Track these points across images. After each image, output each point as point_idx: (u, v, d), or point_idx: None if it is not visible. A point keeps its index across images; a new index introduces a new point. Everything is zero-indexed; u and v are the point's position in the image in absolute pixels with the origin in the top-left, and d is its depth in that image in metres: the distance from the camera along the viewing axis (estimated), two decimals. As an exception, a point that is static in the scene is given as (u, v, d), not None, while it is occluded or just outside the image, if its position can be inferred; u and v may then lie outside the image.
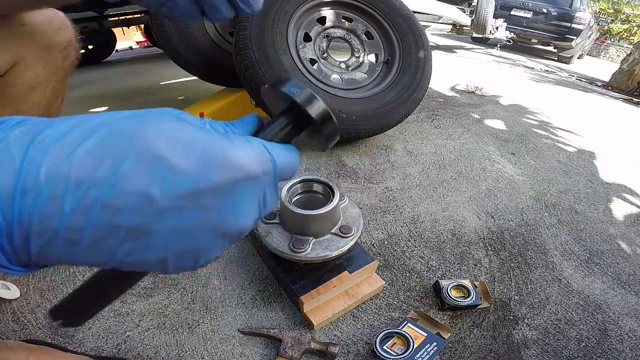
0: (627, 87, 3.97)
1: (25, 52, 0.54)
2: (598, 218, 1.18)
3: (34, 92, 0.58)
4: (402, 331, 0.67)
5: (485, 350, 0.70)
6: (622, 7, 10.76)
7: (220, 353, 0.64)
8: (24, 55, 0.54)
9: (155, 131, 0.17)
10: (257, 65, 1.11)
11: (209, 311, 0.72)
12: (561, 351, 0.71)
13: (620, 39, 10.27)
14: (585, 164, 1.56)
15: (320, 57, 1.33)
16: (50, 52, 0.57)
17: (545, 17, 5.72)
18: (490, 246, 0.98)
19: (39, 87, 0.58)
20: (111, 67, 3.10)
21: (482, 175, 1.34)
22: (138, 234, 0.17)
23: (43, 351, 0.44)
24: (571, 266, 0.95)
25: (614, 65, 5.16)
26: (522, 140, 1.71)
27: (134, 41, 6.15)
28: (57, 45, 0.58)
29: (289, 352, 0.62)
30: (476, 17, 4.28)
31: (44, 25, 0.55)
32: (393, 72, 1.38)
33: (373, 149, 1.44)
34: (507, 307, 0.80)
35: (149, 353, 0.64)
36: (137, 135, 0.17)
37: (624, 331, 0.78)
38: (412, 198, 1.15)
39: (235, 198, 0.19)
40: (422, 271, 0.87)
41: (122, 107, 1.77)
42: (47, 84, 0.60)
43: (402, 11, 1.44)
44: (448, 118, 1.89)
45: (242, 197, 0.19)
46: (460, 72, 3.23)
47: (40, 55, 0.56)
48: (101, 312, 0.70)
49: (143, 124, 0.17)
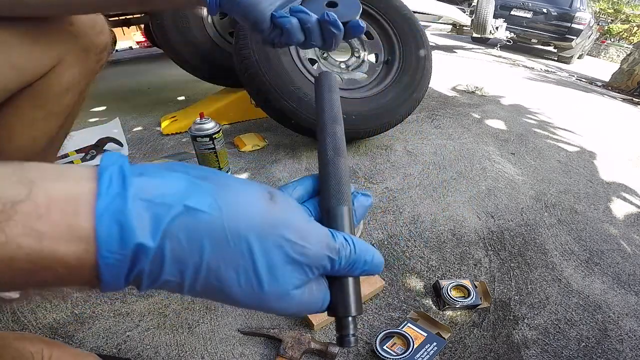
0: (627, 87, 3.96)
1: (68, 53, 0.53)
2: (598, 218, 1.18)
3: (67, 94, 0.57)
4: (402, 331, 0.67)
5: (485, 350, 0.70)
6: (622, 7, 10.76)
7: (220, 353, 0.64)
8: (65, 55, 0.53)
9: (289, 226, 0.21)
10: (257, 65, 1.11)
11: (209, 311, 0.72)
12: (561, 351, 0.71)
13: (620, 39, 10.26)
14: (585, 164, 1.56)
15: (320, 57, 1.33)
16: (88, 55, 0.57)
17: (545, 17, 5.72)
18: (490, 246, 0.98)
19: (73, 89, 0.58)
20: (111, 67, 3.10)
21: (482, 175, 1.34)
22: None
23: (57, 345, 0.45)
24: (571, 266, 0.95)
25: (614, 65, 5.16)
26: (522, 140, 1.71)
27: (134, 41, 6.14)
28: (95, 48, 0.57)
29: (289, 352, 0.62)
30: (476, 17, 4.28)
31: (88, 27, 0.55)
32: (393, 72, 1.38)
33: (373, 149, 1.44)
34: (507, 307, 0.80)
35: (149, 353, 0.64)
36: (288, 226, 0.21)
37: (624, 331, 0.78)
38: (412, 198, 1.15)
39: (322, 260, 0.23)
40: (422, 271, 0.87)
41: (122, 107, 1.77)
42: (79, 86, 0.59)
43: (402, 11, 1.44)
44: (448, 118, 1.89)
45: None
46: (460, 72, 3.23)
47: (79, 57, 0.55)
48: (101, 312, 0.70)
49: (277, 217, 0.21)
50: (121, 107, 1.80)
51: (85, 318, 0.69)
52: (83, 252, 0.17)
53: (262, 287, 0.20)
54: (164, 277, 0.19)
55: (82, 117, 0.74)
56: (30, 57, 0.48)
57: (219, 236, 0.19)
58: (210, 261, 0.19)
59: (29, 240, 0.16)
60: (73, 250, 0.17)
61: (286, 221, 0.21)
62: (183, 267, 0.19)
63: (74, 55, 0.55)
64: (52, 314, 0.69)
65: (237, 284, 0.20)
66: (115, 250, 0.17)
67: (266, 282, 0.20)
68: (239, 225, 0.20)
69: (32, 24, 0.46)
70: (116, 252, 0.17)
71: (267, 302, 0.21)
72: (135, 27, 3.72)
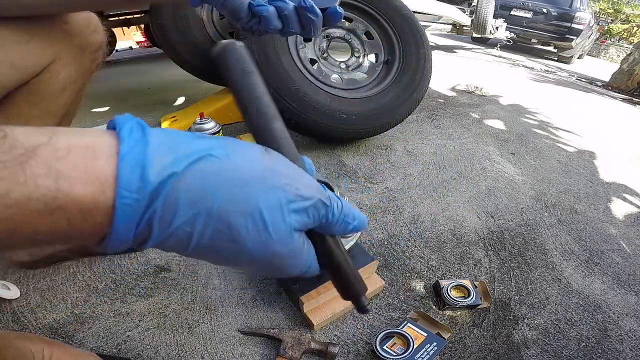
0: (627, 87, 3.96)
1: (63, 51, 0.54)
2: (598, 218, 1.18)
3: (64, 92, 0.58)
4: (402, 331, 0.67)
5: (485, 350, 0.70)
6: (622, 7, 10.75)
7: (220, 353, 0.64)
8: (61, 53, 0.53)
9: (282, 174, 0.23)
10: (257, 65, 1.10)
11: (209, 311, 0.72)
12: (561, 351, 0.71)
13: (620, 39, 10.26)
14: (585, 164, 1.56)
15: (320, 57, 1.33)
16: (84, 53, 0.57)
17: (545, 17, 5.72)
18: (490, 246, 0.98)
19: (69, 88, 0.58)
20: (111, 67, 3.10)
21: (482, 175, 1.34)
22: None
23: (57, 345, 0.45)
24: (571, 266, 0.95)
25: (614, 65, 5.16)
26: (522, 140, 1.71)
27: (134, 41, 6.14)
28: (90, 47, 0.58)
29: (289, 352, 0.62)
30: (476, 17, 4.28)
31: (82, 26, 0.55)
32: (393, 72, 1.38)
33: (373, 149, 1.44)
34: (507, 307, 0.80)
35: (149, 353, 0.64)
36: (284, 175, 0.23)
37: (624, 331, 0.78)
38: (412, 198, 1.15)
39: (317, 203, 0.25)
40: (422, 271, 0.87)
41: (122, 107, 1.77)
42: (75, 85, 0.59)
43: (402, 11, 1.44)
44: (448, 118, 1.89)
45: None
46: (460, 72, 3.23)
47: (75, 55, 0.56)
48: (101, 312, 0.70)
49: (272, 170, 0.23)
50: (121, 107, 1.80)
51: (85, 318, 0.69)
52: (100, 192, 0.18)
53: (267, 227, 0.22)
54: (176, 222, 0.19)
55: (81, 117, 0.74)
56: (27, 54, 0.48)
57: (230, 180, 0.21)
58: (221, 206, 0.20)
59: (47, 181, 0.17)
60: (91, 191, 0.18)
61: (280, 166, 0.23)
62: (196, 211, 0.20)
63: (69, 53, 0.55)
64: (52, 314, 0.69)
65: (245, 229, 0.21)
66: (134, 190, 0.18)
67: (270, 222, 0.22)
68: (244, 171, 0.21)
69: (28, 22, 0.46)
70: (134, 192, 0.18)
71: (271, 245, 0.22)
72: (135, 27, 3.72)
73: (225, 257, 0.22)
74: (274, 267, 0.24)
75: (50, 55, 0.52)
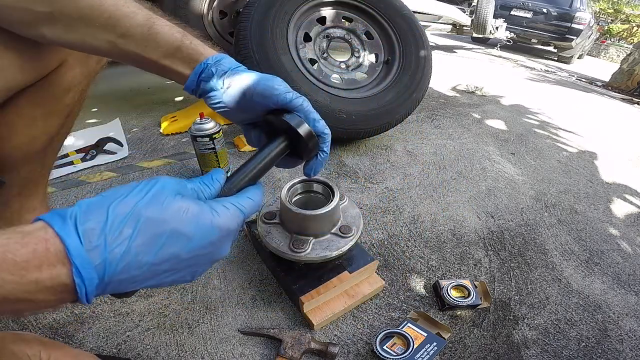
0: (627, 87, 3.96)
1: (70, 54, 0.54)
2: (598, 218, 1.18)
3: (68, 94, 0.58)
4: (402, 331, 0.67)
5: (485, 350, 0.70)
6: (622, 7, 10.74)
7: (220, 353, 0.64)
8: (68, 56, 0.54)
9: (172, 216, 0.28)
10: (257, 65, 1.11)
11: (209, 311, 0.72)
12: (561, 351, 0.72)
13: (620, 39, 10.26)
14: (585, 164, 1.56)
15: (320, 57, 1.33)
16: (89, 56, 0.57)
17: (545, 17, 5.71)
18: (490, 246, 0.98)
19: (73, 89, 0.59)
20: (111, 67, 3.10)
21: (482, 175, 1.34)
22: (175, 271, 0.30)
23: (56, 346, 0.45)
24: (571, 266, 0.95)
25: (614, 65, 5.16)
26: (522, 140, 1.71)
27: (134, 41, 6.14)
28: None
29: (289, 352, 0.62)
30: (476, 17, 4.27)
31: None
32: (393, 72, 1.38)
33: (373, 149, 1.44)
34: (507, 307, 0.80)
35: (149, 353, 0.64)
36: (164, 220, 0.28)
37: (624, 331, 0.78)
38: (412, 198, 1.15)
39: (223, 243, 0.32)
40: (422, 271, 0.87)
41: (122, 107, 1.77)
42: (80, 86, 0.60)
43: (402, 11, 1.44)
44: (448, 118, 1.89)
45: (226, 241, 0.33)
46: (460, 72, 3.23)
47: (80, 58, 0.57)
48: (101, 312, 0.70)
49: (163, 210, 0.28)
50: (121, 107, 1.80)
51: (85, 318, 0.69)
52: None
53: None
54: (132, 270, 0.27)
55: (82, 117, 0.74)
56: (37, 57, 0.48)
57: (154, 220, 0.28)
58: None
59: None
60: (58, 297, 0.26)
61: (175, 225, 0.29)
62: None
63: (75, 56, 0.55)
64: (52, 314, 0.69)
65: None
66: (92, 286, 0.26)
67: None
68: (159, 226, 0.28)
69: None
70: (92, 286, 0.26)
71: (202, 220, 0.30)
72: (135, 27, 3.71)
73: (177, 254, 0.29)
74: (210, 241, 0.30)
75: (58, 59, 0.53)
